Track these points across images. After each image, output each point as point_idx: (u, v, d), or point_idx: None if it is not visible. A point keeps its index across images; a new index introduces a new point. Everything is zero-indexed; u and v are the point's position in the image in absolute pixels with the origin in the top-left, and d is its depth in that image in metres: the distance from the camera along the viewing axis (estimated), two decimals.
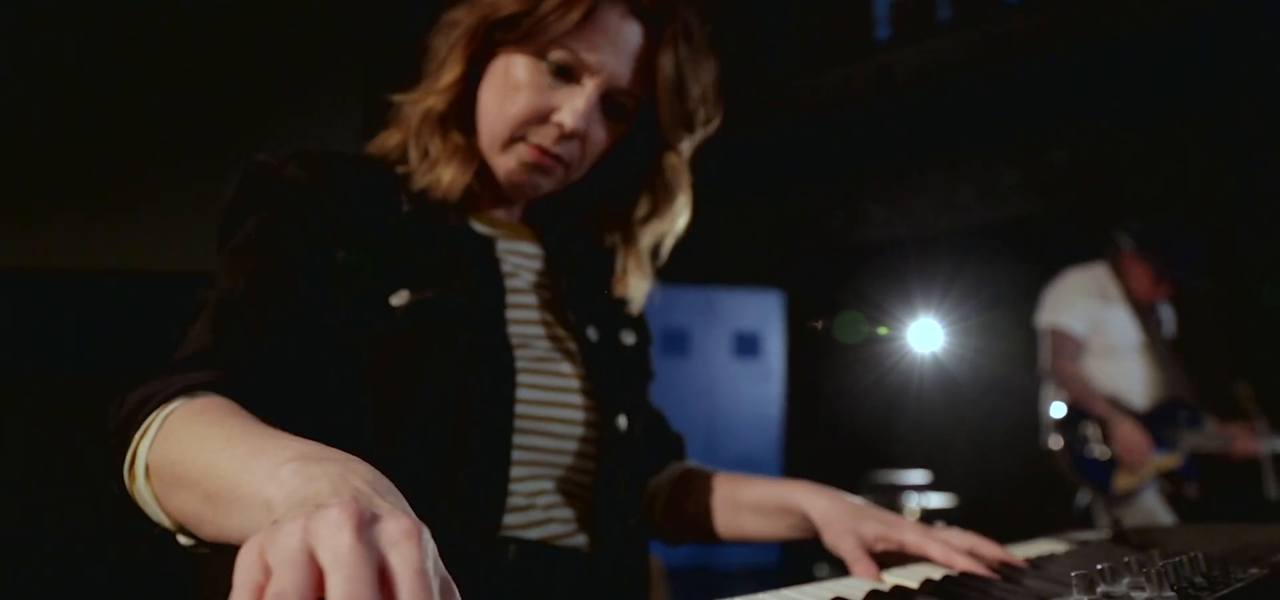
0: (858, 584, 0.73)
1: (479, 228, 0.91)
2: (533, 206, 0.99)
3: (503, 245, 0.93)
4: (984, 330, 4.22)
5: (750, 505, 1.00)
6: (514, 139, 0.88)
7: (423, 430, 0.79)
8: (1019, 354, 3.55)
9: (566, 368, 0.90)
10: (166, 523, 0.65)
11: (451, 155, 0.88)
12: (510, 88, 0.87)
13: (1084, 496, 3.03)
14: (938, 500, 3.65)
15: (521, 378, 0.85)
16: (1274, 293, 3.84)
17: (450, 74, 0.88)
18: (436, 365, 0.80)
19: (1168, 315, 3.12)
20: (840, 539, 0.89)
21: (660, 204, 0.98)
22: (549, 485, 0.87)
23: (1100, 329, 2.97)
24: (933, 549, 0.82)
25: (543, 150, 0.88)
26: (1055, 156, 4.47)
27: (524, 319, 0.89)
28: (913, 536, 0.86)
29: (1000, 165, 4.62)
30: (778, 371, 4.96)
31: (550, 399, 0.87)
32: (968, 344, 4.29)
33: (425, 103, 0.89)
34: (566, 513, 0.88)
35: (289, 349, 0.76)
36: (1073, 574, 0.59)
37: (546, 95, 0.86)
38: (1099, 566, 0.62)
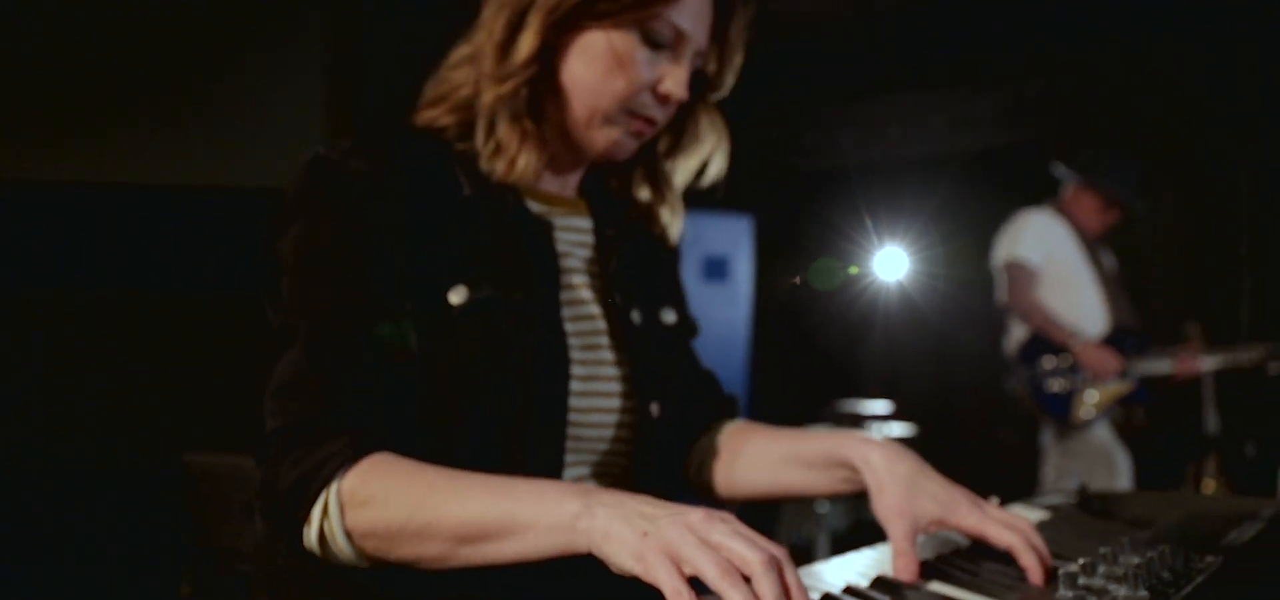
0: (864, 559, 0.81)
1: (535, 208, 0.94)
2: (587, 176, 1.02)
3: (559, 225, 0.95)
4: (950, 260, 4.35)
5: (802, 459, 0.98)
6: (617, 113, 0.90)
7: (479, 424, 0.84)
8: (984, 285, 3.69)
9: (609, 355, 0.95)
10: (365, 566, 0.76)
11: (523, 140, 0.89)
12: (613, 64, 0.87)
13: (1046, 431, 3.21)
14: (899, 429, 3.81)
15: (573, 368, 0.89)
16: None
17: (522, 55, 0.87)
18: (493, 363, 0.84)
19: (1109, 258, 3.28)
20: (892, 518, 0.82)
21: (689, 141, 1.02)
22: (587, 472, 0.93)
23: (1053, 261, 3.12)
24: (993, 533, 0.80)
25: (647, 120, 0.91)
26: (1027, 87, 4.55)
27: (575, 301, 0.94)
28: (970, 518, 0.82)
29: (972, 94, 4.69)
30: (746, 296, 5.05)
31: (595, 389, 0.92)
32: (934, 273, 4.42)
33: (497, 89, 0.88)
34: None
35: (385, 368, 0.80)
36: (1060, 571, 0.68)
37: (649, 68, 0.88)
38: (1080, 562, 0.71)
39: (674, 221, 1.05)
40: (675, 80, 0.89)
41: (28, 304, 3.11)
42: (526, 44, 0.87)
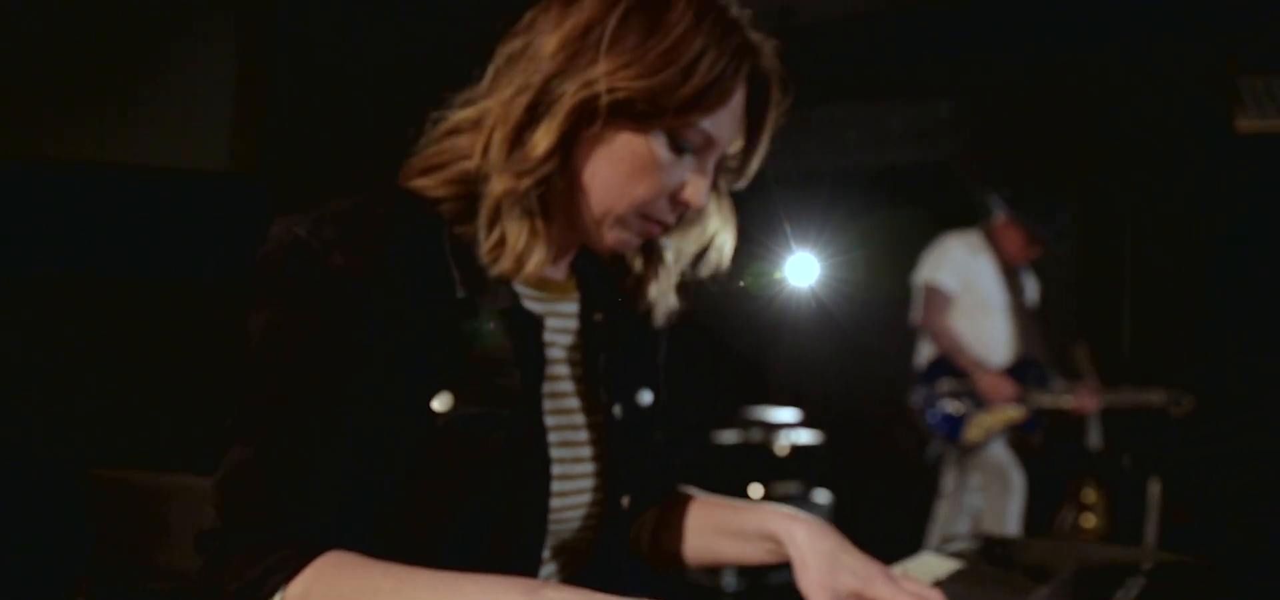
0: None
1: (529, 302, 0.89)
2: (581, 253, 0.96)
3: (548, 318, 0.90)
4: (860, 271, 4.51)
5: (730, 530, 1.03)
6: (631, 217, 0.85)
7: (460, 530, 0.82)
8: (893, 295, 3.85)
9: (587, 450, 0.93)
10: None
11: (532, 239, 0.82)
12: (637, 168, 0.82)
13: (935, 448, 3.39)
14: (806, 437, 3.95)
15: (553, 468, 0.87)
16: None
17: (542, 149, 0.79)
18: (476, 471, 0.82)
19: (1031, 283, 3.47)
20: (814, 591, 0.89)
21: (693, 223, 0.96)
22: (553, 562, 0.92)
23: (971, 288, 3.30)
24: None
25: (660, 223, 0.88)
26: (938, 107, 4.75)
27: (557, 394, 0.91)
28: (885, 593, 0.88)
29: (887, 112, 4.87)
30: None
31: (571, 487, 0.91)
32: (843, 284, 4.57)
33: (510, 183, 0.80)
34: (565, 581, 0.93)
35: (346, 475, 0.77)
36: None
37: (673, 173, 0.84)
38: None
39: (662, 302, 0.99)
40: (696, 190, 0.86)
41: None
42: (547, 136, 0.79)
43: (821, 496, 3.78)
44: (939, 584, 1.08)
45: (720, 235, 0.97)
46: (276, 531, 0.74)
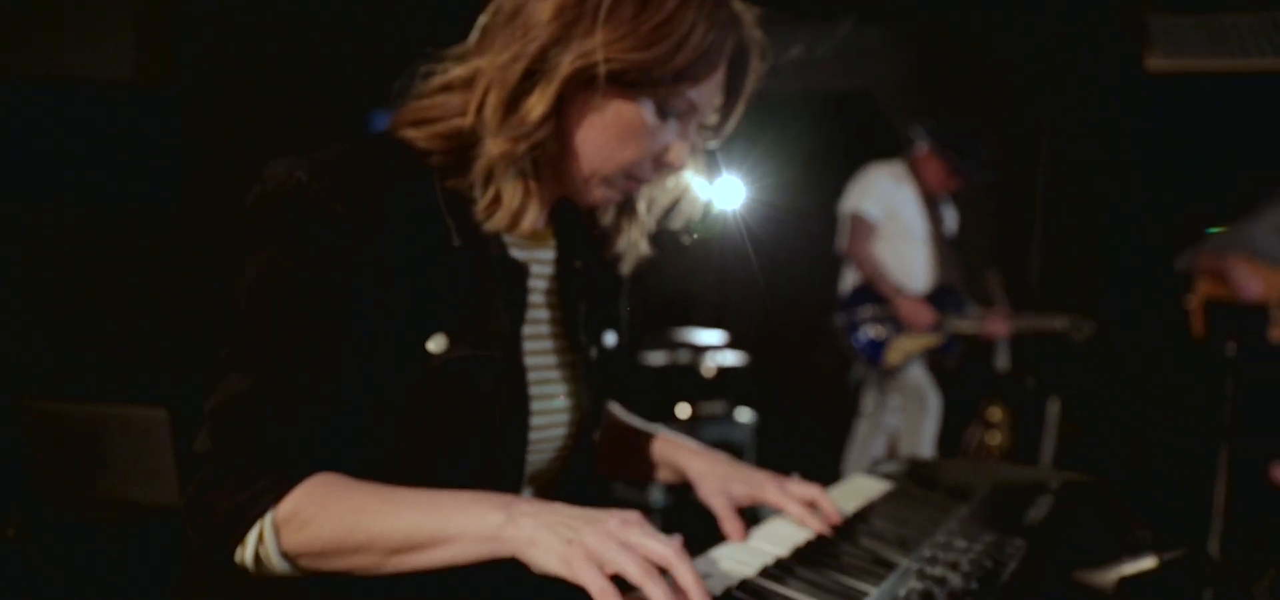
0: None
1: (515, 252, 0.94)
2: (559, 203, 1.01)
3: (533, 265, 0.96)
4: (785, 197, 4.61)
5: (645, 455, 1.20)
6: (617, 177, 0.91)
7: (445, 462, 0.88)
8: (817, 220, 3.97)
9: (561, 388, 0.99)
10: (297, 575, 0.80)
11: (526, 198, 0.88)
12: (625, 133, 0.87)
13: (857, 371, 3.55)
14: (732, 358, 4.07)
15: (532, 405, 0.94)
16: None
17: (538, 114, 0.84)
18: (465, 409, 0.87)
19: (950, 213, 3.62)
20: (712, 497, 1.09)
21: (669, 178, 1.01)
22: (527, 487, 1.00)
23: (893, 217, 3.42)
24: (790, 507, 1.05)
25: (642, 181, 0.93)
26: (868, 35, 4.82)
27: (536, 336, 0.97)
28: (772, 495, 1.06)
29: (815, 37, 4.92)
30: None
31: (549, 421, 0.98)
32: (769, 209, 4.67)
33: (506, 146, 0.85)
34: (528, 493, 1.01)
35: (334, 403, 0.82)
36: (905, 565, 0.84)
37: (658, 136, 0.90)
38: (927, 553, 0.87)
39: (631, 253, 1.07)
40: (679, 153, 0.91)
41: None
42: (543, 102, 0.84)
43: (745, 416, 3.92)
44: (872, 504, 1.18)
45: (692, 190, 1.04)
46: (270, 458, 0.79)
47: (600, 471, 1.21)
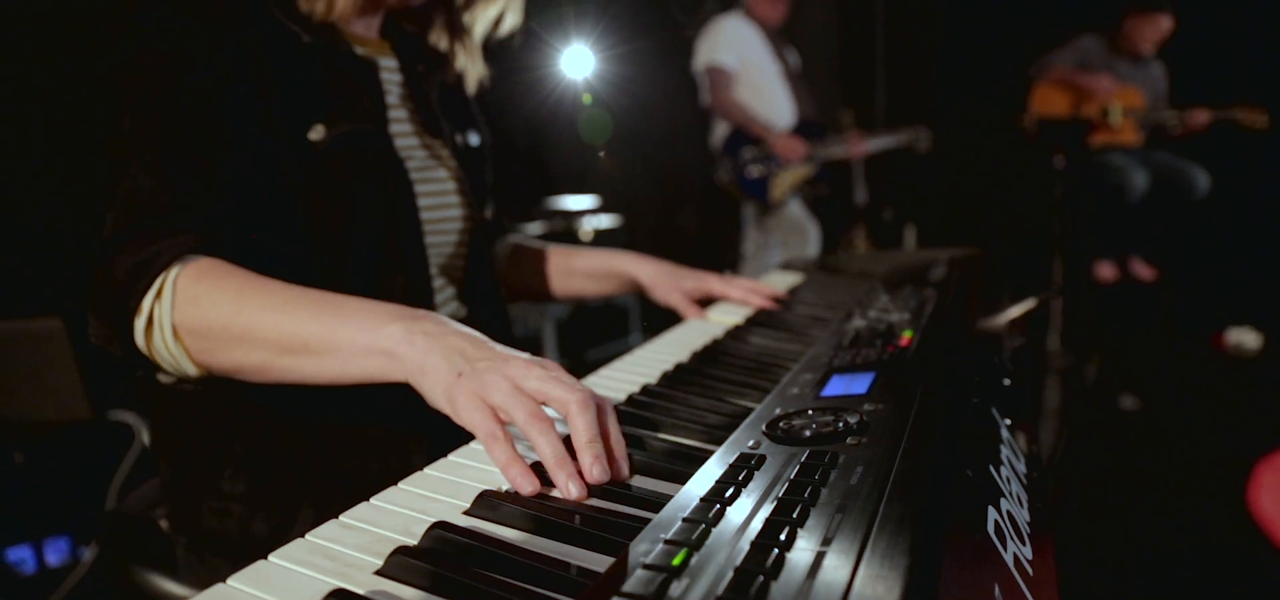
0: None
1: (358, 51, 1.01)
2: (387, 21, 1.09)
3: (381, 66, 1.03)
4: (638, 61, 4.70)
5: (583, 271, 1.30)
6: None
7: (355, 249, 0.93)
8: (666, 85, 4.10)
9: (443, 172, 1.07)
10: (191, 371, 0.79)
11: None
12: None
13: (747, 211, 3.78)
14: (607, 221, 4.19)
15: (417, 186, 1.01)
16: None
17: None
18: (358, 189, 0.93)
19: (793, 53, 3.83)
20: (669, 294, 1.24)
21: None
22: (441, 279, 1.07)
23: (747, 63, 3.59)
24: (732, 292, 1.22)
25: None
26: None
27: (402, 133, 1.04)
28: (717, 285, 1.25)
29: None
30: None
31: (439, 202, 1.05)
32: (622, 73, 4.74)
33: None
34: (450, 291, 1.10)
35: (233, 189, 0.84)
36: (842, 318, 1.00)
37: None
38: (862, 307, 1.04)
39: (472, 68, 1.16)
40: None
41: None
42: None
43: None
44: (794, 289, 1.35)
45: (509, 9, 1.15)
46: (170, 222, 0.80)
47: (538, 291, 1.31)
